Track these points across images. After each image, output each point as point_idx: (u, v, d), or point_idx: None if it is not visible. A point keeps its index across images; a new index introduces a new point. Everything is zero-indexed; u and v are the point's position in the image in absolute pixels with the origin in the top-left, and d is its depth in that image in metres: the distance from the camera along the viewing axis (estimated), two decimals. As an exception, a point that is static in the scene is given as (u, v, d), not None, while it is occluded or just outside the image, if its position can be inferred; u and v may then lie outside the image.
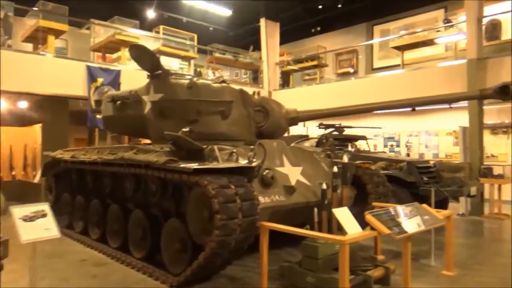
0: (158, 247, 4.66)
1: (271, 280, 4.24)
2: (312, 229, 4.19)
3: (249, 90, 6.11)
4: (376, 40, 14.87)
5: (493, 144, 10.98)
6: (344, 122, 9.38)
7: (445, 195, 7.04)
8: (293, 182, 4.82)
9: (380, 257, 5.17)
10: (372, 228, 3.56)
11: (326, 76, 15.95)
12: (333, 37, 16.07)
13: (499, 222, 8.38)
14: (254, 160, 4.16)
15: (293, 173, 4.97)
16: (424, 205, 4.35)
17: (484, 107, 9.58)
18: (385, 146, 13.53)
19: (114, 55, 12.46)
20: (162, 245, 4.61)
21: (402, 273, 3.89)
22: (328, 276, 3.92)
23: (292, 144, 6.82)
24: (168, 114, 5.27)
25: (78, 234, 6.50)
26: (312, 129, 10.16)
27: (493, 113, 10.93)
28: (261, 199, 4.22)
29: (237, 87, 5.72)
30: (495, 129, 11.04)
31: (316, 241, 4.07)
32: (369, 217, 3.51)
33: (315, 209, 4.27)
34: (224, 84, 5.55)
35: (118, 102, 5.93)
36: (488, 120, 10.67)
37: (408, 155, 12.69)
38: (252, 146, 4.39)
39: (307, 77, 16.91)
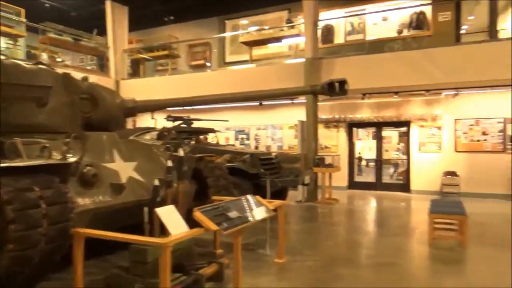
0: None
1: (94, 292, 3.73)
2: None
3: (94, 78, 5.36)
4: (226, 34, 15.13)
5: (326, 137, 12.29)
6: (193, 115, 9.18)
7: (280, 186, 7.48)
8: (123, 179, 4.34)
9: (219, 251, 5.09)
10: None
11: (180, 68, 15.54)
12: (186, 28, 15.74)
13: (330, 206, 9.35)
14: (70, 155, 3.56)
15: (125, 169, 4.50)
16: (257, 197, 4.40)
17: (319, 103, 10.59)
18: (236, 139, 13.92)
19: None
20: None
21: (233, 267, 3.85)
22: (157, 281, 3.59)
23: (131, 137, 6.29)
24: (-40, 100, 4.18)
25: None
26: (161, 122, 9.69)
27: (326, 109, 12.22)
28: (80, 201, 3.67)
29: (66, 72, 4.92)
30: (328, 123, 12.38)
31: (145, 243, 3.70)
32: (197, 214, 3.32)
33: (145, 208, 3.90)
34: (41, 66, 4.68)
35: None
36: (322, 115, 11.88)
37: (256, 147, 13.28)
38: (66, 140, 3.75)
39: (160, 68, 16.23)
